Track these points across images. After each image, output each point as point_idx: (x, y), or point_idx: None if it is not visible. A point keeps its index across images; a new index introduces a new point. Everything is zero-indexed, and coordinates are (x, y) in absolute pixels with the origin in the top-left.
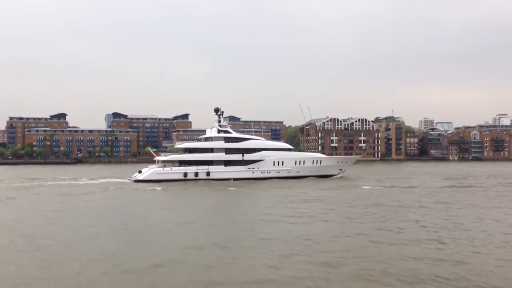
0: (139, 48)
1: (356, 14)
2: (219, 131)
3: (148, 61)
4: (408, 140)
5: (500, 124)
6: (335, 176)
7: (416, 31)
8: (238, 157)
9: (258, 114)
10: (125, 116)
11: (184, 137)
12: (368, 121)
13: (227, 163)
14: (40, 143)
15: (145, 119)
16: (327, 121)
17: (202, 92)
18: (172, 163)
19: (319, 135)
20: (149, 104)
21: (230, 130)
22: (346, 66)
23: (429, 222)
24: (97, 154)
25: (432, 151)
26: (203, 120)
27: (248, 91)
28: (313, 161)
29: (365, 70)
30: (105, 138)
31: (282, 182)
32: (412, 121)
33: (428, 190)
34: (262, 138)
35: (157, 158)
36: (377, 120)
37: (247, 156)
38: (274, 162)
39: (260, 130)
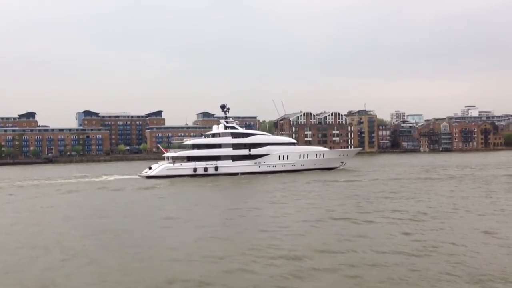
0: (107, 45)
1: (329, 9)
2: (226, 127)
3: (118, 58)
4: (380, 133)
5: (469, 115)
6: (337, 168)
7: (387, 25)
8: (245, 152)
9: (232, 110)
10: (96, 114)
11: (157, 134)
12: (341, 115)
13: (234, 158)
14: (9, 143)
15: (118, 116)
16: (301, 115)
17: (175, 88)
18: (181, 159)
19: (293, 130)
20: (122, 101)
21: (237, 126)
22: (318, 62)
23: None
24: (68, 153)
25: (404, 143)
26: (177, 116)
27: (222, 87)
28: (316, 155)
29: (337, 65)
30: (76, 137)
31: (286, 176)
32: (384, 114)
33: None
34: (268, 133)
35: (166, 154)
36: (350, 113)
37: (254, 151)
38: (279, 156)
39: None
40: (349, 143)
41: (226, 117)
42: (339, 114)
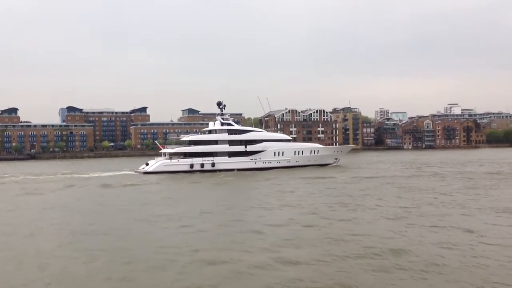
0: (92, 40)
1: (312, 8)
2: (222, 124)
3: (103, 54)
4: (364, 130)
5: (452, 113)
6: (331, 165)
7: (370, 23)
8: (241, 148)
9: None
10: (80, 110)
11: (142, 131)
12: (326, 112)
13: (230, 154)
14: None
15: (102, 112)
16: (286, 112)
17: (160, 84)
18: (178, 155)
19: (278, 126)
20: (106, 97)
21: (233, 123)
22: (303, 60)
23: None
24: (51, 149)
25: (388, 141)
26: (162, 113)
27: (207, 83)
28: (311, 151)
29: (321, 63)
30: (60, 133)
31: (282, 172)
32: (369, 112)
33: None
34: (263, 130)
35: (163, 150)
36: (334, 111)
37: (250, 147)
38: (275, 152)
39: None
40: (334, 140)
41: (222, 114)
42: (324, 111)
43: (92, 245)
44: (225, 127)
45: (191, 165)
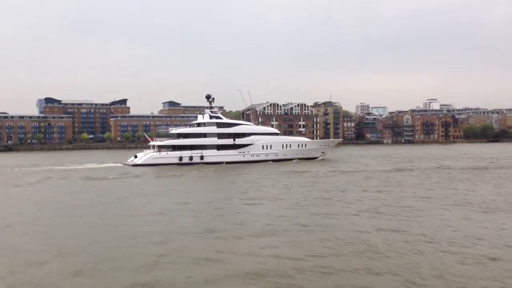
0: (70, 31)
1: (293, 2)
2: (211, 117)
3: (81, 44)
4: (345, 124)
5: (431, 108)
6: (318, 158)
7: (351, 18)
8: (229, 141)
9: (199, 100)
10: (58, 101)
11: (122, 123)
12: (307, 106)
13: (219, 147)
14: None
15: (81, 104)
16: (268, 106)
17: (140, 77)
18: (167, 148)
19: (260, 120)
20: (85, 89)
21: (221, 116)
22: (285, 54)
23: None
24: (29, 141)
25: (368, 135)
26: (142, 105)
27: (188, 76)
28: (298, 145)
29: (304, 58)
30: (37, 125)
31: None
32: (349, 106)
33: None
34: (252, 124)
35: (152, 143)
36: (316, 105)
37: (238, 141)
38: (263, 146)
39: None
40: (315, 134)
41: (211, 107)
42: (305, 105)
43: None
44: (214, 120)
45: (180, 158)
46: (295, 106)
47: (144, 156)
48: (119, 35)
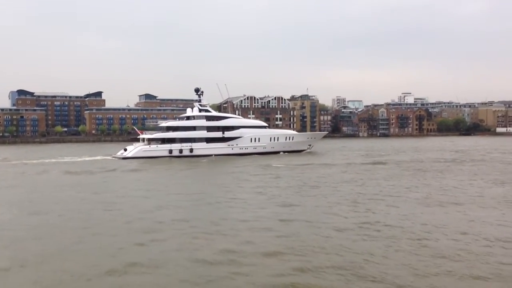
0: (43, 23)
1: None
2: (200, 110)
3: (55, 36)
4: (322, 117)
5: (405, 102)
6: (305, 151)
7: (327, 13)
8: (218, 134)
9: (175, 92)
10: (31, 94)
11: (97, 116)
12: (284, 99)
13: (208, 140)
14: None
15: (54, 96)
16: (244, 99)
17: (116, 69)
18: (156, 141)
19: (237, 113)
20: (59, 81)
21: (210, 109)
22: (261, 46)
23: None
24: (0, 134)
25: (344, 128)
26: (117, 97)
27: (165, 69)
28: (286, 138)
29: (281, 51)
30: (9, 117)
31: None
32: (326, 100)
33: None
34: (240, 117)
35: (142, 136)
36: (292, 98)
37: (227, 134)
38: (251, 138)
39: (178, 108)
40: (292, 127)
41: (199, 101)
42: (282, 98)
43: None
44: (203, 113)
45: (170, 151)
46: (272, 99)
47: (134, 149)
48: (94, 28)
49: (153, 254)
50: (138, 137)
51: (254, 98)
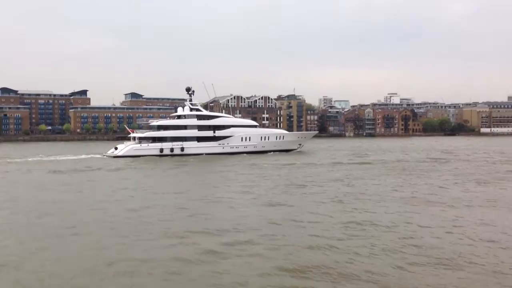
0: (27, 19)
1: None
2: (191, 109)
3: (39, 33)
4: (308, 117)
5: (391, 102)
6: (295, 150)
7: (316, 13)
8: (209, 133)
9: (161, 92)
10: (15, 92)
11: (82, 114)
12: (271, 99)
13: (199, 139)
14: None
15: (39, 95)
16: (231, 98)
17: (102, 67)
18: (147, 139)
19: (224, 112)
20: (43, 79)
21: (201, 108)
22: (247, 46)
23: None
24: None
25: (331, 128)
26: (103, 96)
27: (151, 68)
28: (276, 137)
29: (267, 51)
30: None
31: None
32: (312, 99)
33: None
34: (231, 116)
35: (133, 134)
36: (279, 98)
37: (218, 133)
38: (242, 138)
39: (164, 107)
40: (278, 127)
41: (191, 100)
42: (269, 98)
43: None
44: (194, 112)
45: (161, 150)
46: (259, 99)
47: (125, 148)
48: (79, 26)
49: (135, 253)
50: (129, 135)
51: (241, 97)
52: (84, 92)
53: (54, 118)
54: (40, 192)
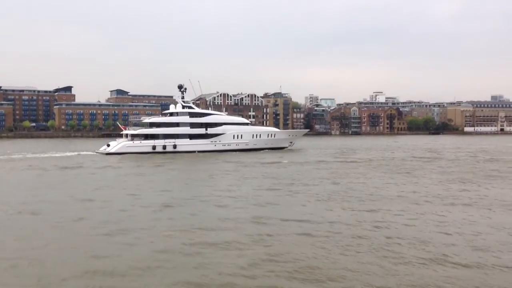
0: (8, 14)
1: None
2: (183, 107)
3: (21, 28)
4: (295, 115)
5: (377, 101)
6: (286, 148)
7: (301, 11)
8: (201, 131)
9: (147, 88)
10: None
11: (67, 111)
12: (257, 97)
13: (192, 136)
14: None
15: (22, 91)
16: (218, 96)
17: (86, 64)
18: (139, 137)
19: (210, 109)
20: (26, 75)
21: (193, 106)
22: (234, 44)
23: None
24: None
25: (317, 126)
26: (88, 92)
27: (137, 65)
28: (268, 135)
29: (254, 49)
30: None
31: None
32: (299, 97)
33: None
34: (223, 113)
35: (125, 132)
36: (266, 96)
37: (210, 130)
38: (234, 135)
39: (150, 104)
40: (265, 124)
41: (183, 97)
42: (255, 96)
43: None
44: (186, 110)
45: (154, 147)
46: (245, 96)
47: (117, 145)
48: (64, 22)
49: (117, 250)
50: (121, 132)
51: (227, 95)
52: (69, 89)
53: (38, 115)
54: (26, 191)
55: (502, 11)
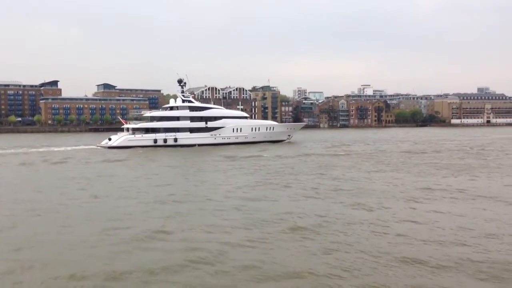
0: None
1: None
2: (183, 101)
3: (10, 22)
4: (283, 108)
5: (364, 94)
6: (285, 141)
7: (290, 5)
8: (201, 124)
9: (135, 82)
10: None
11: (53, 106)
12: (246, 90)
13: (192, 130)
14: None
15: (7, 85)
16: (206, 89)
17: (73, 58)
18: (141, 130)
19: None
20: (11, 69)
21: (193, 100)
22: (222, 37)
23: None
24: None
25: (305, 119)
26: (74, 87)
27: (125, 59)
28: (267, 128)
29: (242, 42)
30: None
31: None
32: (287, 91)
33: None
34: (222, 107)
35: (126, 125)
36: (254, 89)
37: (210, 124)
38: (233, 129)
39: (138, 98)
40: (253, 117)
41: (183, 91)
42: (243, 89)
43: None
44: (187, 104)
45: (155, 140)
46: (234, 90)
47: (119, 139)
48: (50, 15)
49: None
50: (123, 126)
51: (216, 88)
52: (55, 83)
53: (24, 110)
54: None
55: (488, 5)
